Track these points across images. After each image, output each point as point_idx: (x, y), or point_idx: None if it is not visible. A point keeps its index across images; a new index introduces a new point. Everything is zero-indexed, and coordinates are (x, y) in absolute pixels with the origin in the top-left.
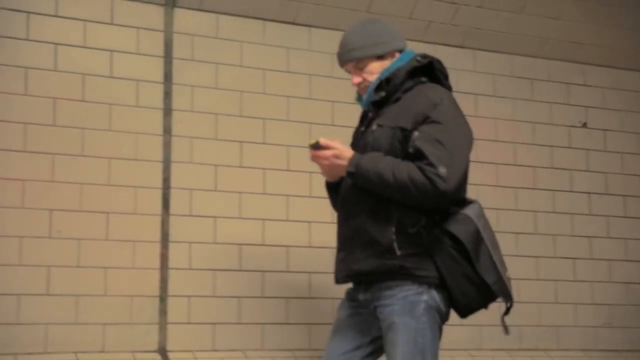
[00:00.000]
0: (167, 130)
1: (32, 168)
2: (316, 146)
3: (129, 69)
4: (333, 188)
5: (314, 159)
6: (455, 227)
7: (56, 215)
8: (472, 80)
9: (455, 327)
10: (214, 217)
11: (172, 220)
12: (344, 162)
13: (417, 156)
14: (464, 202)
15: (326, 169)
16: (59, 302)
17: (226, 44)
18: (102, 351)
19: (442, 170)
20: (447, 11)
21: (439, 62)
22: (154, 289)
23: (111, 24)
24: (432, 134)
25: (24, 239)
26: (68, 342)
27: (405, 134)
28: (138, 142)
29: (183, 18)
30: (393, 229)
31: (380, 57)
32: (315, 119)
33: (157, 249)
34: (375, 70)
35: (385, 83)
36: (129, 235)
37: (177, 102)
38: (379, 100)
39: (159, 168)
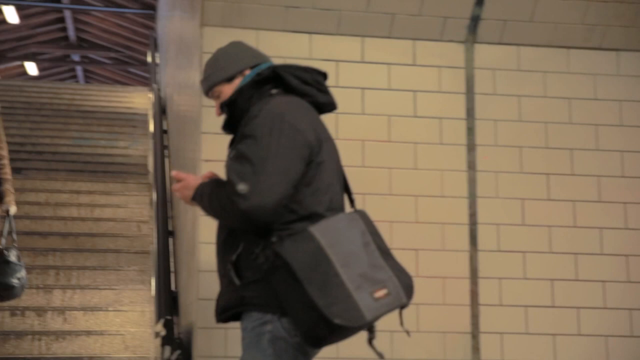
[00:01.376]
0: (471, 166)
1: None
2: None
3: (431, 107)
4: None
5: (174, 192)
6: (287, 247)
7: None
8: None
9: None
10: (523, 252)
11: (480, 255)
12: (191, 193)
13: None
14: (318, 216)
15: (185, 202)
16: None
17: (528, 76)
18: None
19: (241, 187)
20: None
21: (295, 68)
22: (466, 325)
23: (413, 65)
24: (241, 149)
25: None
26: None
27: None
28: (443, 178)
29: (483, 53)
30: (233, 259)
31: (230, 80)
32: (627, 146)
33: (466, 285)
34: (228, 95)
35: (226, 106)
36: (438, 272)
37: (480, 137)
38: (229, 124)
39: (464, 204)
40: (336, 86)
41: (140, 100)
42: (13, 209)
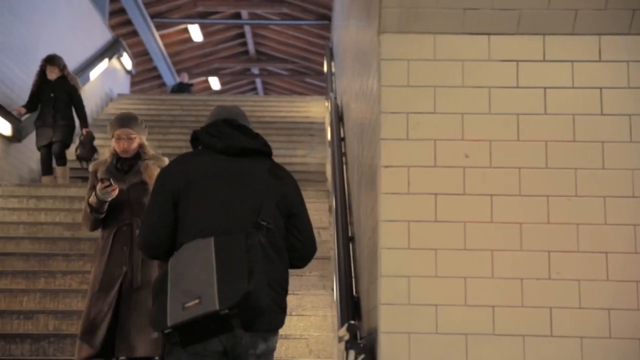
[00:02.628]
0: None
1: (526, 211)
2: None
3: (620, 104)
4: None
5: None
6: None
7: (553, 257)
8: None
9: None
10: None
11: None
12: None
13: None
14: (182, 244)
15: None
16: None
17: None
18: None
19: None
20: None
21: (211, 124)
22: None
23: (599, 61)
24: None
25: (524, 280)
26: None
27: None
28: (634, 178)
29: None
30: None
31: None
32: None
33: None
34: None
35: None
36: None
37: None
38: None
39: None
40: (516, 87)
41: (317, 109)
42: None
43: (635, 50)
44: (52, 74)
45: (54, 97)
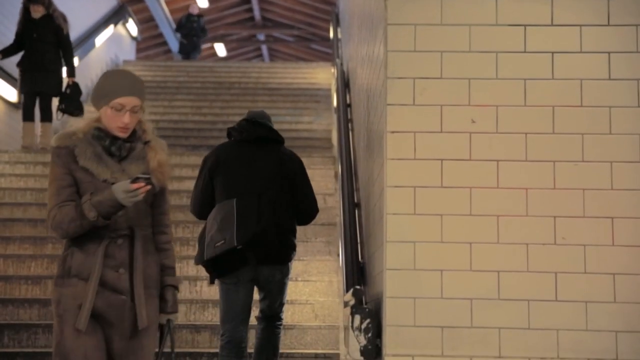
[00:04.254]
0: None
1: (533, 176)
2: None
3: (628, 69)
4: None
5: None
6: None
7: (559, 223)
8: None
9: None
10: None
11: None
12: None
13: None
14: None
15: None
16: None
17: None
18: None
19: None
20: None
21: (242, 120)
22: None
23: (608, 25)
24: None
25: (530, 245)
26: None
27: None
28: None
29: None
30: None
31: None
32: None
33: None
34: None
35: None
36: None
37: None
38: None
39: None
40: (523, 52)
41: (323, 75)
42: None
43: None
44: (36, 13)
45: (38, 37)
